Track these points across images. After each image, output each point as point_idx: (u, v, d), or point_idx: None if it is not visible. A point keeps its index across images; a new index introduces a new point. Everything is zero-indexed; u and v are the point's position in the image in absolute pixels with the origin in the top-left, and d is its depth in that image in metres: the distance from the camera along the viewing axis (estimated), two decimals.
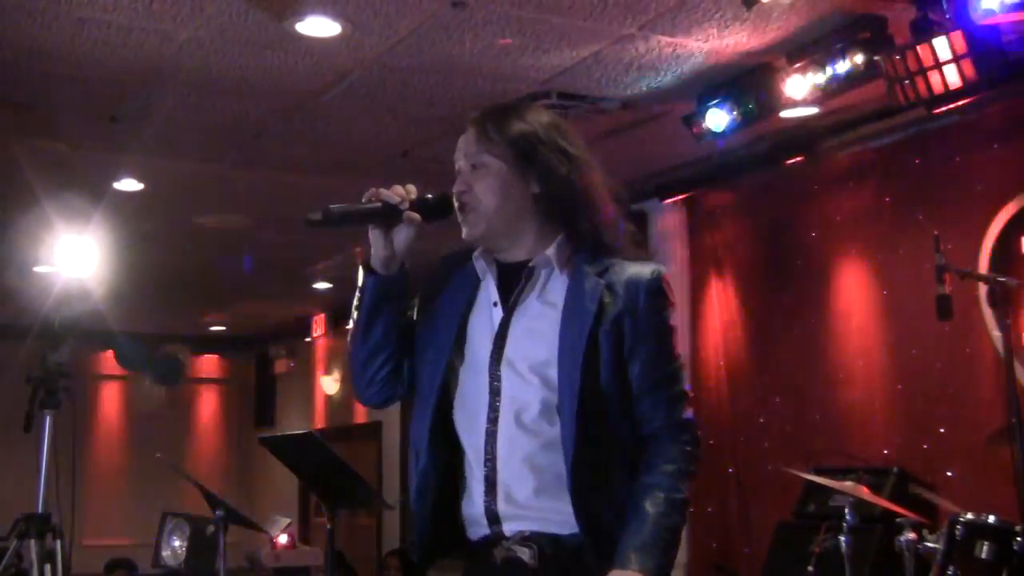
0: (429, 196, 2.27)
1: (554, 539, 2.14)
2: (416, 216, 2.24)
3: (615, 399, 2.17)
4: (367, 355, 2.32)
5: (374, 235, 2.26)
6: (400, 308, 2.32)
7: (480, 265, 2.31)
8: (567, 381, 2.15)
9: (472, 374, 2.24)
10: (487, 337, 2.24)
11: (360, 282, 2.30)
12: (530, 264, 2.26)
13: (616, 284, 2.21)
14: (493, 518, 2.18)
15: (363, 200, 2.24)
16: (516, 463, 2.16)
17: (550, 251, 2.25)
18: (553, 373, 2.17)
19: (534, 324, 2.22)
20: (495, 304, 2.27)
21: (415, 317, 2.35)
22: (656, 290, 2.22)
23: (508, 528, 2.17)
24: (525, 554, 2.14)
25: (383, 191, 2.23)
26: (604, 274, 2.21)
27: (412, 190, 2.26)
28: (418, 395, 2.32)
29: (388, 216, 2.24)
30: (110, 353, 11.82)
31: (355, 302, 2.32)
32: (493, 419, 2.19)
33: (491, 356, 2.22)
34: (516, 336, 2.22)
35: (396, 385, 2.35)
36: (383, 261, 2.27)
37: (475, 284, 2.31)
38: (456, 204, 2.26)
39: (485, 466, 2.18)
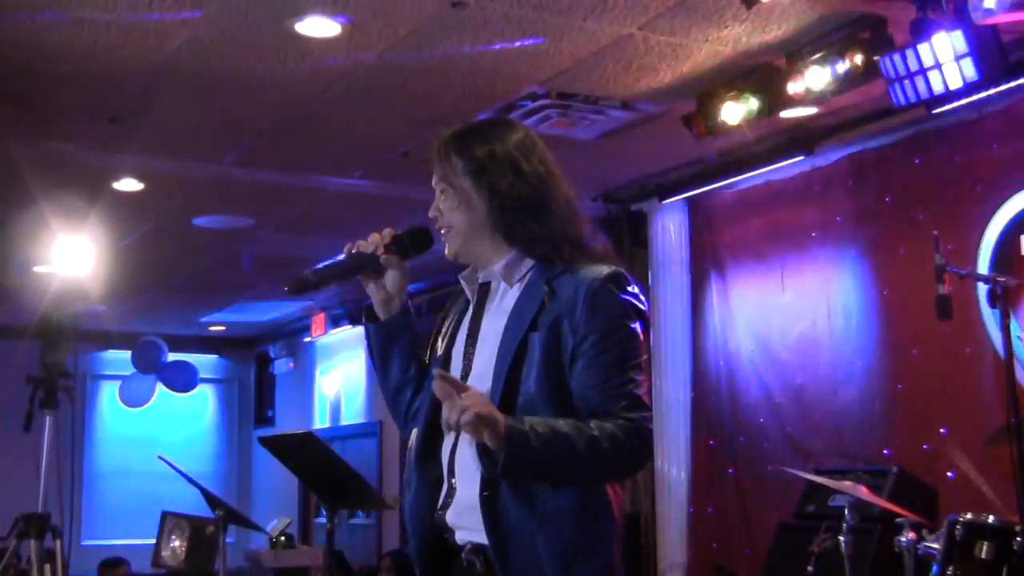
0: (404, 234, 2.35)
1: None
2: (392, 258, 2.34)
3: (544, 403, 2.14)
4: (392, 394, 2.43)
5: (367, 284, 2.37)
6: (411, 342, 2.41)
7: (465, 287, 2.38)
8: (495, 389, 2.18)
9: None
10: (460, 356, 2.31)
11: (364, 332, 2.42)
12: (481, 282, 2.33)
13: (560, 288, 2.21)
14: (446, 527, 2.23)
15: (344, 254, 2.35)
16: (466, 475, 2.19)
17: (498, 267, 2.29)
18: (489, 384, 2.20)
19: (488, 338, 2.27)
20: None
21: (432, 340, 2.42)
22: (596, 290, 2.17)
23: (459, 538, 2.21)
24: (475, 564, 2.17)
25: (360, 242, 2.34)
26: (553, 280, 2.22)
27: (387, 234, 2.35)
28: (416, 408, 2.37)
29: (366, 266, 2.34)
30: (110, 353, 11.84)
31: (367, 348, 2.44)
32: (459, 435, 2.22)
33: (461, 374, 2.27)
34: (478, 352, 2.27)
35: None
36: (381, 304, 2.39)
37: (466, 304, 2.38)
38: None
39: (448, 478, 2.24)
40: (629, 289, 2.21)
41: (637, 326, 2.19)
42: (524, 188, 2.27)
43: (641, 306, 2.22)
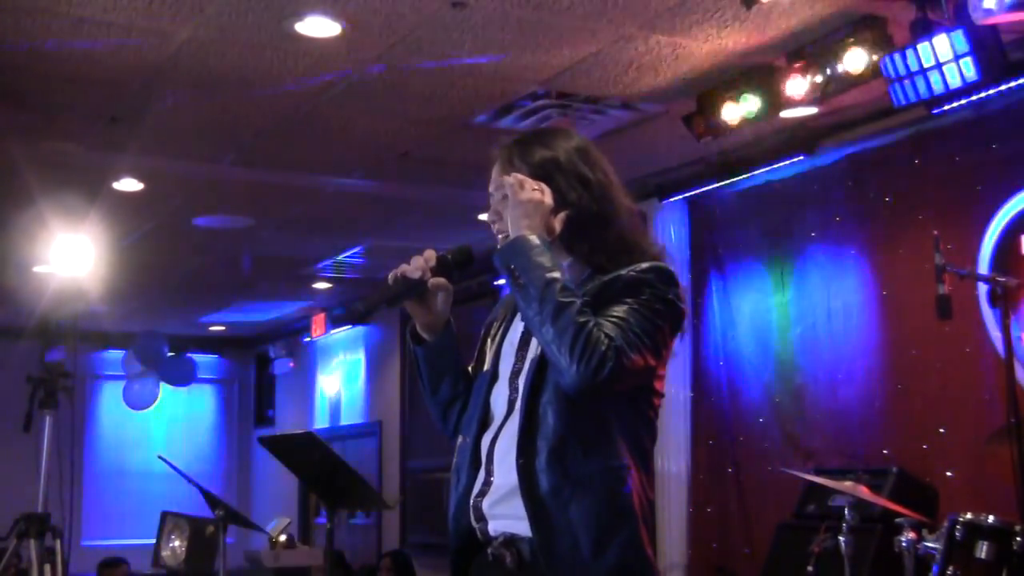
0: (448, 255, 2.36)
1: (531, 541, 2.16)
2: (441, 281, 2.35)
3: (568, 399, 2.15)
4: (441, 410, 2.47)
5: (411, 307, 2.38)
6: (458, 360, 2.44)
7: None
8: (528, 378, 2.21)
9: (500, 389, 2.31)
10: (510, 355, 2.32)
11: (411, 353, 2.44)
12: None
13: (606, 281, 2.22)
14: (480, 515, 2.24)
15: (389, 281, 2.34)
16: (504, 464, 2.21)
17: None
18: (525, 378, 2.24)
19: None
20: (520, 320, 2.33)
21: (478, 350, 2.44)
22: (639, 273, 2.19)
23: (493, 528, 2.22)
24: (504, 558, 2.18)
25: (405, 268, 2.33)
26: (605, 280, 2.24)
27: (431, 256, 2.34)
28: (466, 418, 2.39)
29: (415, 291, 2.34)
30: (110, 353, 11.83)
31: (416, 368, 2.46)
32: (502, 425, 2.25)
33: (512, 369, 2.29)
34: (530, 352, 2.27)
35: None
36: (427, 327, 2.40)
37: (515, 309, 2.38)
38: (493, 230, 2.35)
39: (486, 466, 2.24)
40: (670, 286, 2.21)
41: (664, 310, 2.17)
42: (590, 201, 2.28)
43: (678, 303, 2.21)
